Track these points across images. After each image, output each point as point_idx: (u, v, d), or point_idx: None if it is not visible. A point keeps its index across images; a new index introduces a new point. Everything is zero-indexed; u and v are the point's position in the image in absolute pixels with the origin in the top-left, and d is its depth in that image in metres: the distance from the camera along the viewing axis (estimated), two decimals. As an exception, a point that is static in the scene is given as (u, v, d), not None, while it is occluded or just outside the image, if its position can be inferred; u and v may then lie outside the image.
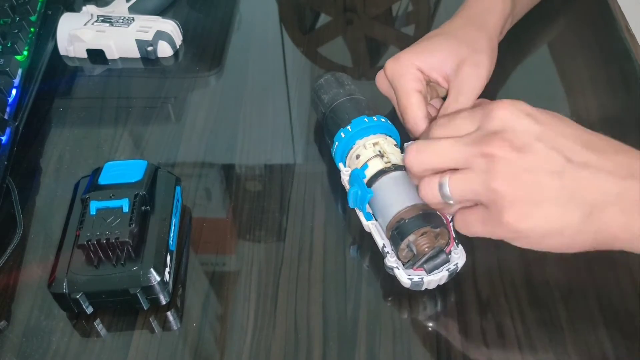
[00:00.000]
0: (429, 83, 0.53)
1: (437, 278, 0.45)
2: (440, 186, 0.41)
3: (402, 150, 0.52)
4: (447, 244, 0.45)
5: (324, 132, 0.54)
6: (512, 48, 0.61)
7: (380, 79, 0.54)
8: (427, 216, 0.44)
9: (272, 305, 0.46)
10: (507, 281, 0.47)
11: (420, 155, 0.43)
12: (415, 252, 0.44)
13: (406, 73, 0.52)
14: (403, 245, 0.44)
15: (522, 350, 0.43)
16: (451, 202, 0.42)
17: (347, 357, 0.43)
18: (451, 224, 0.47)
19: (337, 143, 0.51)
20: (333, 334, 0.44)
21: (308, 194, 0.53)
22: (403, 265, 0.45)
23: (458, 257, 0.45)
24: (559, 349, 0.43)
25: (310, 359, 0.43)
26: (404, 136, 0.52)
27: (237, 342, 0.44)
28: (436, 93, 0.55)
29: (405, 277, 0.45)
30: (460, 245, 0.46)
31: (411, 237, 0.44)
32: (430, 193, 0.42)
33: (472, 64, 0.51)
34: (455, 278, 0.46)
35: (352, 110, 0.52)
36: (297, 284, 0.47)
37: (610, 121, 0.58)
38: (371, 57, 0.67)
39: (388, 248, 0.46)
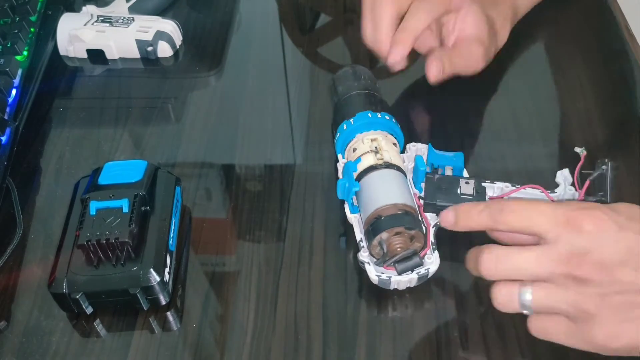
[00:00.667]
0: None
1: (406, 279, 0.45)
2: (521, 295, 0.40)
3: (404, 150, 0.52)
4: (423, 248, 0.45)
5: (332, 125, 0.55)
6: (512, 48, 0.61)
7: None
8: (404, 217, 0.44)
9: (272, 306, 0.46)
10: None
11: (500, 266, 0.40)
12: (385, 250, 0.44)
13: None
14: (375, 241, 0.44)
15: (522, 351, 0.43)
16: (528, 312, 0.40)
17: (347, 358, 0.43)
18: (431, 230, 0.47)
19: (339, 134, 0.52)
20: (333, 335, 0.44)
21: (308, 194, 0.53)
22: (375, 261, 0.45)
23: (431, 262, 0.45)
24: (559, 351, 0.43)
25: (310, 359, 0.43)
26: (408, 137, 0.52)
27: (237, 342, 0.44)
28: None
29: (373, 273, 0.45)
30: (436, 252, 0.46)
31: (384, 235, 0.44)
32: (508, 300, 0.40)
33: (478, 40, 0.55)
34: (456, 279, 0.46)
35: (360, 104, 0.52)
36: (297, 285, 0.47)
37: (611, 121, 0.58)
38: (371, 57, 0.67)
39: (364, 242, 0.46)
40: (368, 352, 0.44)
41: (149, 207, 0.47)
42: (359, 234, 0.47)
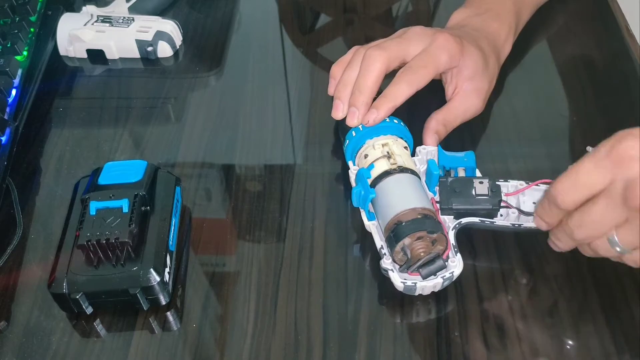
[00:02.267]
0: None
1: (431, 284, 0.44)
2: (611, 244, 0.41)
3: (414, 154, 0.52)
4: (444, 251, 0.45)
5: (339, 130, 0.55)
6: (512, 48, 0.61)
7: None
8: (425, 221, 0.44)
9: (272, 306, 0.46)
10: (509, 282, 0.47)
11: (578, 230, 0.41)
12: (409, 256, 0.44)
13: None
14: (398, 247, 0.44)
15: (523, 351, 0.43)
16: (622, 251, 0.41)
17: (347, 358, 0.43)
18: (451, 232, 0.46)
19: (348, 141, 0.51)
20: (333, 335, 0.44)
21: (308, 194, 0.53)
22: (398, 268, 0.45)
23: (455, 265, 0.45)
24: (560, 350, 0.43)
25: (310, 359, 0.43)
26: (418, 140, 0.52)
27: (237, 342, 0.44)
28: None
29: (398, 280, 0.44)
30: (458, 254, 0.45)
31: (406, 241, 0.44)
32: (605, 251, 0.42)
33: (476, 90, 0.55)
34: (457, 279, 0.46)
35: None
36: (297, 285, 0.47)
37: (611, 121, 0.58)
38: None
39: (385, 250, 0.46)
40: (368, 352, 0.44)
41: (149, 207, 0.47)
42: (379, 242, 0.46)
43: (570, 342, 0.43)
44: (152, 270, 0.44)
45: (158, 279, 0.44)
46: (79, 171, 0.55)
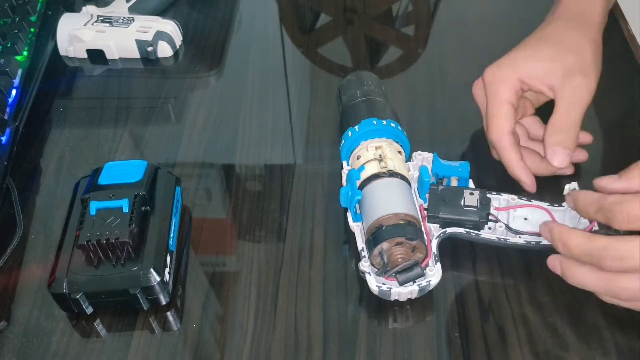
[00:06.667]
0: (525, 93, 0.52)
1: (406, 291, 0.44)
2: None
3: (410, 158, 0.51)
4: (425, 259, 0.45)
5: (339, 131, 0.54)
6: (511, 49, 0.61)
7: (477, 87, 0.53)
8: (406, 227, 0.44)
9: (272, 306, 0.46)
10: (509, 283, 0.47)
11: (624, 263, 0.40)
12: (386, 260, 0.44)
13: (504, 81, 0.50)
14: (376, 251, 0.44)
15: (523, 353, 0.43)
16: None
17: (347, 358, 0.43)
18: (434, 241, 0.46)
19: (344, 141, 0.51)
20: (333, 335, 0.44)
21: (308, 194, 0.53)
22: (375, 272, 0.45)
23: (433, 274, 0.44)
24: (560, 352, 0.43)
25: (310, 359, 0.43)
26: (415, 145, 0.52)
27: (237, 342, 0.44)
28: (531, 109, 0.54)
29: (374, 283, 0.44)
30: (438, 264, 0.45)
31: (385, 245, 0.43)
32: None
33: (581, 74, 0.49)
34: (457, 280, 0.46)
35: (365, 111, 0.51)
36: (298, 285, 0.47)
37: (610, 121, 0.58)
38: (371, 57, 0.67)
39: (365, 252, 0.46)
40: (368, 352, 0.44)
41: (149, 207, 0.47)
42: (360, 243, 0.46)
43: (569, 342, 0.43)
44: (152, 270, 0.44)
45: (158, 279, 0.44)
46: (79, 171, 0.55)
